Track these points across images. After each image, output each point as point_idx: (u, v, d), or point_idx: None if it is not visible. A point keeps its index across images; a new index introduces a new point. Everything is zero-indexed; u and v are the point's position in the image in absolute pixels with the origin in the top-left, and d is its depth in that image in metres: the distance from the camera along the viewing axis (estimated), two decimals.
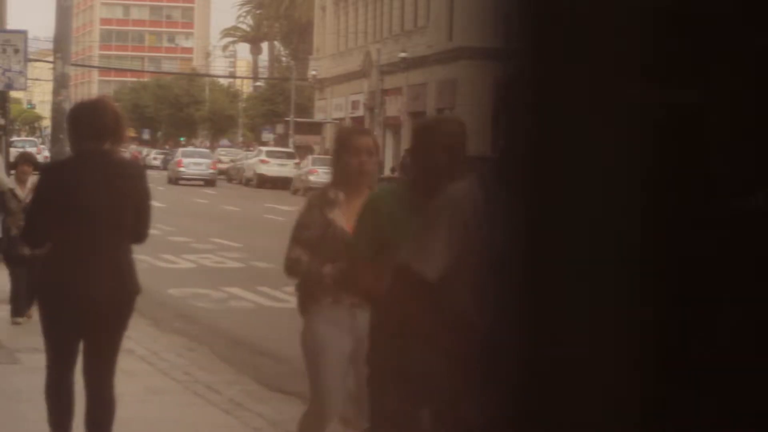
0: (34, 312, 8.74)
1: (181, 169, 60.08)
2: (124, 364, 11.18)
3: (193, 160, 61.12)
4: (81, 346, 6.84)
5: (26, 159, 14.19)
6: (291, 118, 71.35)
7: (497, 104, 1.12)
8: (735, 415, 1.08)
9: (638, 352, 1.08)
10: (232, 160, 69.04)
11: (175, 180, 59.77)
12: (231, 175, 65.81)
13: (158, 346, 12.01)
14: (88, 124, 6.65)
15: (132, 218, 6.65)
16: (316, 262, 6.14)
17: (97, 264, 6.57)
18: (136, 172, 6.96)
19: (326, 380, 6.23)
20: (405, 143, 57.85)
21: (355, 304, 5.92)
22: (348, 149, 6.23)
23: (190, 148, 71.27)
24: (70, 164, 6.97)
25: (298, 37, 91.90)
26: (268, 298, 16.52)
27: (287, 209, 39.17)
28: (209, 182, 59.18)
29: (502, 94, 1.21)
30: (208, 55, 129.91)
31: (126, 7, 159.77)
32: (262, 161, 59.32)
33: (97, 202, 6.55)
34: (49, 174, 7.07)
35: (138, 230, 6.71)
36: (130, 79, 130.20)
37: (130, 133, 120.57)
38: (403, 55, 57.02)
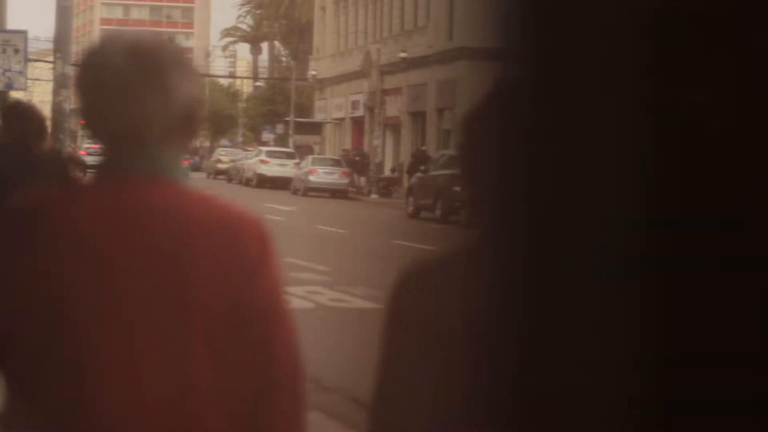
0: None
1: None
2: None
3: None
4: None
5: (75, 162, 12.74)
6: (291, 118, 71.39)
7: (498, 105, 1.12)
8: (735, 417, 1.09)
9: (639, 355, 1.08)
10: (232, 160, 69.19)
11: None
12: (231, 175, 65.93)
13: None
14: (18, 124, 8.28)
15: None
16: None
17: None
18: (56, 159, 8.93)
19: None
20: (405, 143, 57.95)
21: None
22: None
23: None
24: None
25: (298, 37, 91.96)
26: None
27: (287, 209, 39.20)
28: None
29: (503, 94, 1.21)
30: (208, 55, 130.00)
31: (126, 7, 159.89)
32: (262, 161, 59.40)
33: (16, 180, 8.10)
34: None
35: None
36: None
37: None
38: (403, 55, 57.05)
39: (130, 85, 2.38)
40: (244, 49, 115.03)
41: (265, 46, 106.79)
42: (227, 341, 2.36)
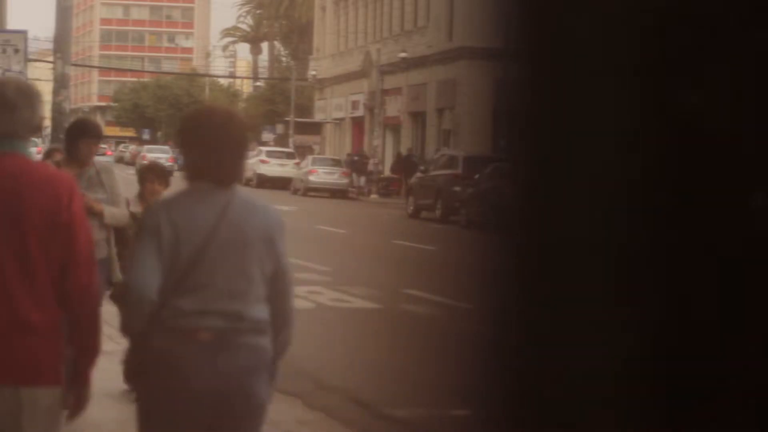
0: None
1: (145, 162, 71.91)
2: None
3: (155, 155, 75.03)
4: None
5: (155, 173, 10.53)
6: (291, 118, 71.40)
7: (498, 105, 1.12)
8: (734, 417, 1.08)
9: (636, 353, 1.08)
10: None
11: None
12: None
13: None
14: None
15: None
16: None
17: None
18: None
19: None
20: (405, 143, 57.94)
21: None
22: None
23: (152, 146, 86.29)
24: None
25: (298, 37, 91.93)
26: None
27: (287, 209, 39.17)
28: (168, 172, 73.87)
29: (503, 94, 1.21)
30: (208, 55, 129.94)
31: (126, 7, 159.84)
32: (262, 161, 59.41)
33: None
34: None
35: None
36: (130, 79, 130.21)
37: (130, 132, 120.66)
38: (403, 55, 57.05)
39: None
40: (244, 49, 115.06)
41: (265, 46, 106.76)
42: (49, 241, 4.53)
